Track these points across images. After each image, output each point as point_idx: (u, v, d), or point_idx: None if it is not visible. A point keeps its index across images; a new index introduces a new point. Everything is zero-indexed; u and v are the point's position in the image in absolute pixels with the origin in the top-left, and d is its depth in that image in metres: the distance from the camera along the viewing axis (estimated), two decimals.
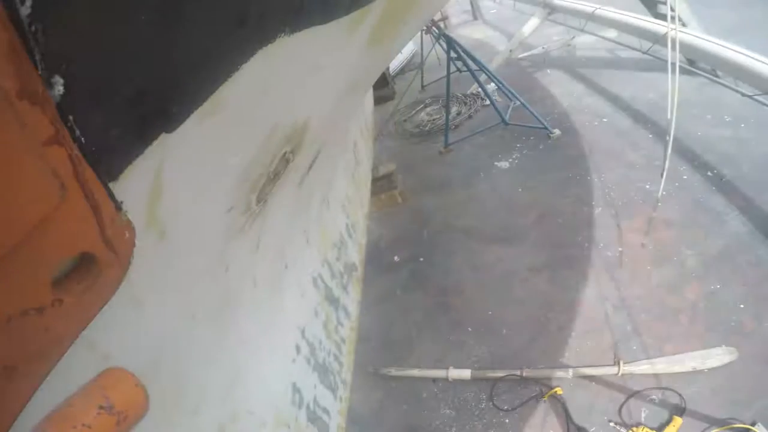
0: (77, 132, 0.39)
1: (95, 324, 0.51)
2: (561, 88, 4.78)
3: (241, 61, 0.59)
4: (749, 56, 3.01)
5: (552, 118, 4.29)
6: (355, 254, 2.12)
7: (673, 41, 2.76)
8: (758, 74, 2.93)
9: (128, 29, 0.41)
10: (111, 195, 0.46)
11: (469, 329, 2.42)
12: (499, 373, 2.13)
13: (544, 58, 5.51)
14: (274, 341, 1.40)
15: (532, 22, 5.59)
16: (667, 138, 2.63)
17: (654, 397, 2.14)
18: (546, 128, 4.19)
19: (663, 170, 2.64)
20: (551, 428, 2.08)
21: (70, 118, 0.38)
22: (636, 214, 2.83)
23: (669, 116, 2.65)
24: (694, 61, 3.59)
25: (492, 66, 5.32)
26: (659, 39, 3.11)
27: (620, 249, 2.70)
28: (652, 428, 2.05)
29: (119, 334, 0.62)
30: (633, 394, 2.16)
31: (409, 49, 7.21)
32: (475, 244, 3.17)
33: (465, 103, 5.37)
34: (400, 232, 3.47)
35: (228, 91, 0.59)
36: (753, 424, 1.97)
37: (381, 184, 3.07)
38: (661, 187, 2.67)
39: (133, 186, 0.50)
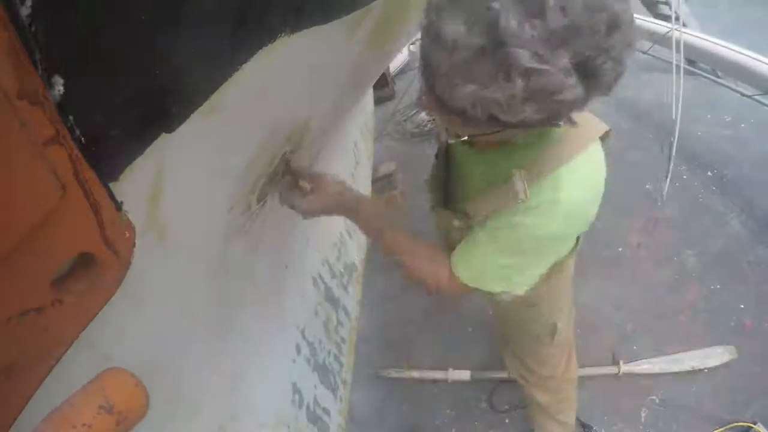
0: (77, 132, 0.39)
1: (95, 324, 0.51)
2: None
3: (241, 61, 0.59)
4: (749, 56, 3.00)
5: None
6: (355, 254, 2.12)
7: (677, 42, 2.75)
8: (758, 74, 2.93)
9: (128, 29, 0.41)
10: (111, 195, 0.46)
11: (470, 329, 2.42)
12: (500, 374, 2.12)
13: None
14: (275, 341, 1.40)
15: None
16: (672, 139, 2.63)
17: (654, 396, 2.14)
18: None
19: (668, 171, 2.64)
20: None
21: (70, 118, 0.38)
22: (636, 214, 2.83)
23: (674, 116, 2.64)
24: (695, 61, 3.58)
25: None
26: (660, 39, 3.11)
27: (620, 249, 2.70)
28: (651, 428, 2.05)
29: (119, 334, 0.62)
30: (633, 394, 2.15)
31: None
32: None
33: None
34: None
35: (228, 91, 0.59)
36: (753, 424, 1.97)
37: (381, 184, 3.06)
38: (666, 187, 2.66)
39: (133, 186, 0.50)
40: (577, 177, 0.83)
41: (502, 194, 0.85)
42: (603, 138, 0.91)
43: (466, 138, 0.81)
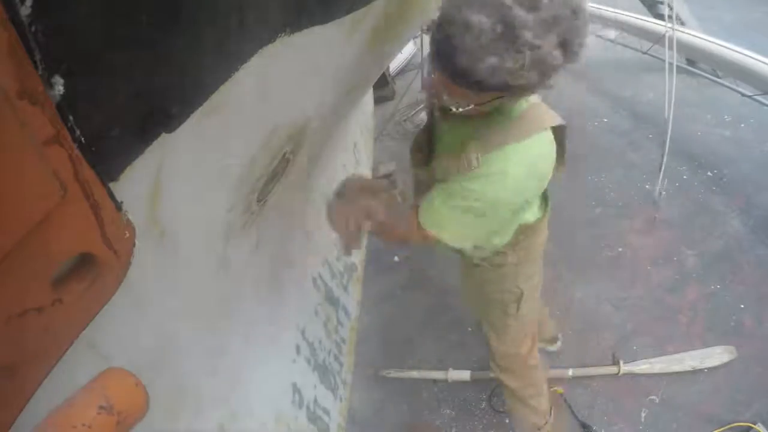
0: (77, 132, 0.39)
1: (95, 324, 0.51)
2: (560, 88, 4.77)
3: (241, 61, 0.59)
4: (749, 56, 3.00)
5: None
6: (355, 254, 2.12)
7: (671, 41, 2.76)
8: (758, 74, 2.93)
9: (128, 29, 0.41)
10: (111, 195, 0.46)
11: (470, 329, 2.42)
12: None
13: None
14: (275, 341, 1.40)
15: None
16: (665, 138, 2.63)
17: (654, 396, 2.14)
18: None
19: (660, 170, 2.64)
20: None
21: (70, 118, 0.38)
22: (636, 214, 2.83)
23: (666, 115, 2.65)
24: (694, 61, 3.59)
25: None
26: (659, 39, 3.11)
27: (620, 249, 2.70)
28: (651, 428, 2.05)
29: (119, 334, 0.62)
30: (633, 394, 2.15)
31: (409, 49, 7.20)
32: None
33: None
34: None
35: (228, 91, 0.59)
36: (753, 424, 1.97)
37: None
38: (658, 186, 2.66)
39: (133, 186, 0.50)
40: (525, 155, 1.02)
41: (461, 160, 1.02)
42: (557, 131, 1.08)
43: (461, 110, 0.97)
